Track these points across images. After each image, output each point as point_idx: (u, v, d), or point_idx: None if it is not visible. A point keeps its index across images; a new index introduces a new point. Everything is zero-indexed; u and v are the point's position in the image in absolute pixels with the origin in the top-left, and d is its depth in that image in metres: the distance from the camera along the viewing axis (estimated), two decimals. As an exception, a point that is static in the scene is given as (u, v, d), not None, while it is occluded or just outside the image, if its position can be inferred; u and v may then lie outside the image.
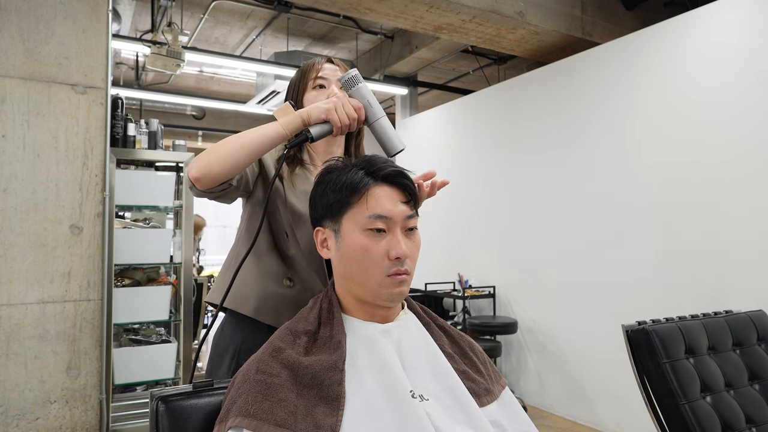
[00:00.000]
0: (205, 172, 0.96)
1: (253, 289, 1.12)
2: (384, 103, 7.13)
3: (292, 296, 1.12)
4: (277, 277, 1.13)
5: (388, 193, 0.82)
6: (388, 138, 1.04)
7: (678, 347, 1.47)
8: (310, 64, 1.21)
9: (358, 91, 1.05)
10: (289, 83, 1.25)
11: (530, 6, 3.70)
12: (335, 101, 1.01)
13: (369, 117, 1.05)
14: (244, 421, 0.69)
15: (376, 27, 4.89)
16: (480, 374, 0.86)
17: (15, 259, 2.08)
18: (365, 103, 1.04)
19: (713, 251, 2.71)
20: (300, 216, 1.12)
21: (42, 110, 2.15)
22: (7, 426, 2.05)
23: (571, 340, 3.52)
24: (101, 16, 2.26)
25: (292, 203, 1.12)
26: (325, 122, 1.01)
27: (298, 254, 1.13)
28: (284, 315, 1.09)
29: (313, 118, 1.01)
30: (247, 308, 1.11)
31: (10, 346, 2.07)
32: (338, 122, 1.00)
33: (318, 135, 1.01)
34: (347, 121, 1.01)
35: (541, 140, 3.82)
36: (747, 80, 2.60)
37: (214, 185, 0.99)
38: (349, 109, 1.01)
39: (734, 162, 2.63)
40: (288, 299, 1.12)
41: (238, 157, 0.97)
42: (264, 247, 1.15)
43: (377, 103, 1.05)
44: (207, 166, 0.96)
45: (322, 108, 1.00)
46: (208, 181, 0.97)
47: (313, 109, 1.01)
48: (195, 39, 5.06)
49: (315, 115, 1.01)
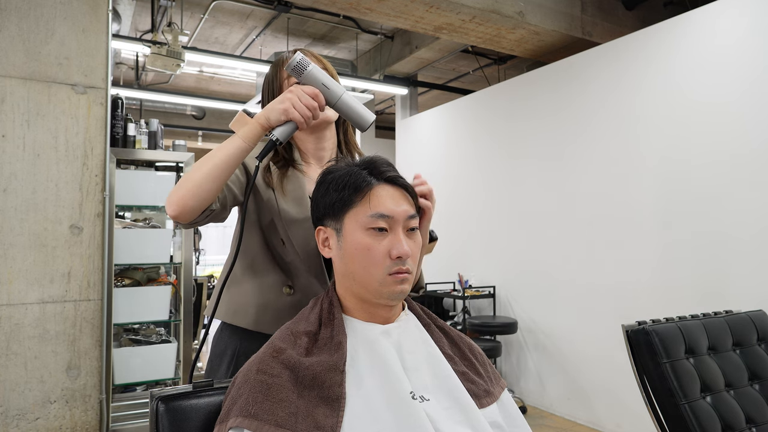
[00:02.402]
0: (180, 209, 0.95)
1: (252, 301, 1.10)
2: (384, 103, 7.13)
3: (293, 304, 1.10)
4: (276, 287, 1.11)
5: (390, 193, 0.82)
6: (356, 113, 0.99)
7: (678, 347, 1.47)
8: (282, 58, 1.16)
9: (309, 76, 0.98)
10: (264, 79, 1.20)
11: (530, 6, 3.70)
12: (289, 98, 0.95)
13: (329, 99, 0.99)
14: (244, 422, 0.69)
15: (376, 27, 4.89)
16: (479, 376, 0.87)
17: (15, 259, 2.08)
18: (320, 86, 0.98)
19: (713, 251, 2.71)
20: (294, 222, 1.09)
21: (42, 110, 2.15)
22: (7, 426, 2.05)
23: (571, 340, 3.52)
24: (101, 16, 2.26)
25: (286, 210, 1.09)
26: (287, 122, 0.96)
27: (296, 260, 1.10)
28: None
29: (273, 121, 0.96)
30: (247, 321, 1.09)
31: (10, 346, 2.07)
32: (300, 117, 0.95)
33: (284, 136, 0.96)
34: (308, 113, 0.96)
35: (541, 140, 3.82)
36: (747, 80, 2.60)
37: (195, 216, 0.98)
38: (306, 98, 0.96)
39: (734, 162, 2.63)
40: (289, 307, 1.09)
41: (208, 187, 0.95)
42: (260, 258, 1.12)
43: (333, 81, 1.00)
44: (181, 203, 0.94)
45: (279, 109, 0.95)
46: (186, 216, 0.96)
47: (270, 111, 0.96)
48: (195, 39, 5.06)
49: (274, 117, 0.96)
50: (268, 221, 1.11)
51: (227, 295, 1.13)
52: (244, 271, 1.13)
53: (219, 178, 0.96)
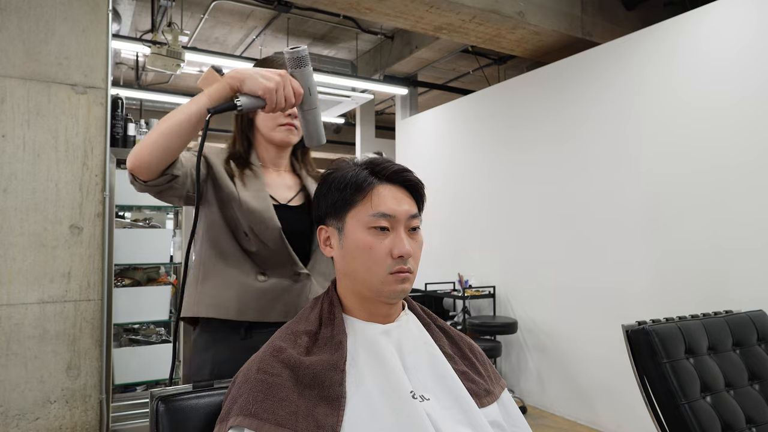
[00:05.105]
0: (138, 163, 0.92)
1: (231, 292, 1.10)
2: (384, 103, 7.14)
3: (269, 289, 1.10)
4: (251, 275, 1.11)
5: (392, 193, 0.83)
6: (316, 128, 1.00)
7: (678, 347, 1.47)
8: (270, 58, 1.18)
9: (303, 74, 0.96)
10: None
11: (530, 6, 3.70)
12: (278, 81, 0.93)
13: (305, 104, 0.98)
14: (245, 421, 0.69)
15: (376, 27, 4.89)
16: (480, 375, 0.87)
17: (15, 259, 2.08)
18: (306, 89, 0.96)
19: (713, 251, 2.71)
20: (254, 213, 1.09)
21: (42, 110, 2.15)
22: (7, 426, 2.05)
23: (571, 340, 3.52)
24: (101, 16, 2.26)
25: (247, 201, 1.10)
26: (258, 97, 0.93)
27: (263, 250, 1.11)
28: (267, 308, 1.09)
29: (246, 88, 0.93)
30: (229, 312, 1.08)
31: (10, 346, 2.07)
32: (273, 103, 0.93)
33: (248, 108, 0.93)
34: (283, 105, 0.94)
35: (541, 140, 3.82)
36: (747, 80, 2.60)
37: (154, 176, 0.95)
38: (289, 92, 0.94)
39: (734, 162, 2.63)
40: (268, 292, 1.10)
41: (167, 143, 0.92)
42: (231, 250, 1.12)
43: (316, 91, 0.99)
44: (139, 156, 0.92)
45: (261, 84, 0.92)
46: (143, 171, 0.93)
47: (249, 78, 0.92)
48: (195, 39, 5.06)
49: (249, 85, 0.92)
50: (230, 214, 1.11)
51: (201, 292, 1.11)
52: (216, 264, 1.12)
53: (179, 136, 0.92)
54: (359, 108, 6.35)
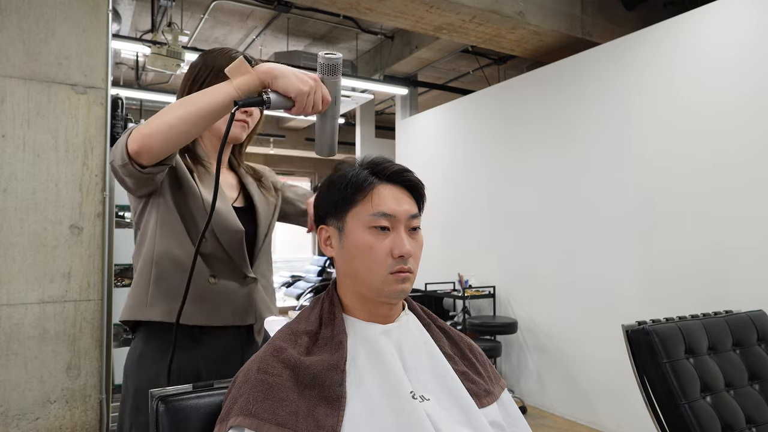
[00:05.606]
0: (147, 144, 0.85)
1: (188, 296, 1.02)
2: (384, 103, 7.14)
3: (218, 292, 1.06)
4: (203, 277, 1.06)
5: (392, 193, 0.83)
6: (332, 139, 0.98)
7: (678, 347, 1.47)
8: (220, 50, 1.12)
9: (334, 83, 0.94)
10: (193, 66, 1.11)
11: (530, 6, 3.70)
12: (312, 85, 0.89)
13: (328, 113, 0.96)
14: (245, 421, 0.69)
15: (376, 27, 4.89)
16: (480, 375, 0.87)
17: (15, 259, 2.08)
18: (333, 98, 0.94)
19: (713, 251, 2.71)
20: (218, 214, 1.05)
21: (42, 110, 2.15)
22: (7, 426, 2.05)
23: (571, 340, 3.52)
24: (101, 16, 2.26)
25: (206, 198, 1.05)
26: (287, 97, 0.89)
27: (217, 250, 1.06)
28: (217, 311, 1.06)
29: (278, 86, 0.88)
30: (183, 316, 0.97)
31: (10, 346, 2.07)
32: (302, 107, 0.89)
33: (275, 106, 0.89)
34: (309, 109, 0.90)
35: (541, 140, 3.82)
36: (747, 79, 2.60)
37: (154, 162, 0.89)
38: (318, 98, 0.91)
39: (734, 162, 2.63)
40: (218, 295, 1.06)
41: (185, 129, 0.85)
42: (184, 249, 1.05)
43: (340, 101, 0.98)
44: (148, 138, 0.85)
45: (296, 85, 0.88)
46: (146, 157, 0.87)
47: (283, 77, 0.88)
48: (195, 39, 5.06)
49: (282, 84, 0.88)
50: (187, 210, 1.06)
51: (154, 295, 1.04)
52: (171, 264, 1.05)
53: (195, 124, 0.86)
54: (359, 108, 6.36)
